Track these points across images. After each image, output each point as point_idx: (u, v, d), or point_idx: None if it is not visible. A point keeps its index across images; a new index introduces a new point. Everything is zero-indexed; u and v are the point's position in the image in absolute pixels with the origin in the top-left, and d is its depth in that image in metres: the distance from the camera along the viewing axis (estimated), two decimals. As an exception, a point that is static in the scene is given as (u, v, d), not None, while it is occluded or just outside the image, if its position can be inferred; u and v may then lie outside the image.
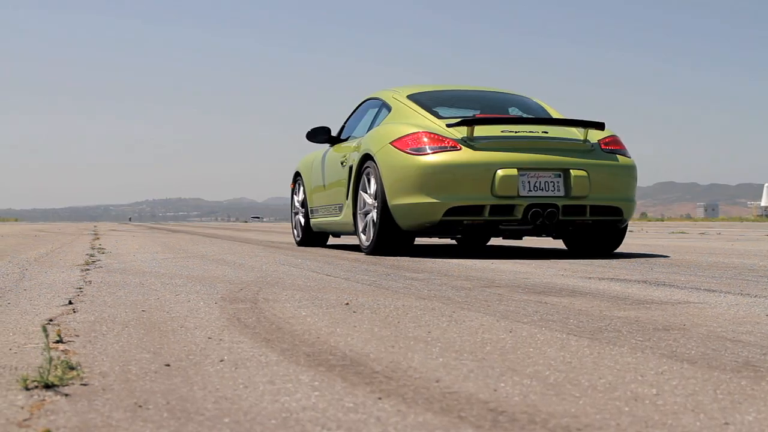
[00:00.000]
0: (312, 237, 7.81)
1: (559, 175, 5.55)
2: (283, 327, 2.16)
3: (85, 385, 1.43)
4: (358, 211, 6.19)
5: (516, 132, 5.68)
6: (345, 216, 6.49)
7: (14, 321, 2.29)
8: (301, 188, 7.95)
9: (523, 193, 5.46)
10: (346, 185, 6.47)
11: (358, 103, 7.35)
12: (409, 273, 4.15)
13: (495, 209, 5.45)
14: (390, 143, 5.72)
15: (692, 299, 2.88)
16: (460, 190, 5.43)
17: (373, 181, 5.91)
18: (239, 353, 1.76)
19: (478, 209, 5.45)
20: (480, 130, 5.61)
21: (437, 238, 7.00)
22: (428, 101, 6.36)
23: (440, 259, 5.33)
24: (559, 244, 8.30)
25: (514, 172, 5.43)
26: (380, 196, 5.73)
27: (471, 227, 5.57)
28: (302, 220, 7.91)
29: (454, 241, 8.79)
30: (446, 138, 5.58)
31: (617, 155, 5.86)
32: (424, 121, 5.94)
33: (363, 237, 6.13)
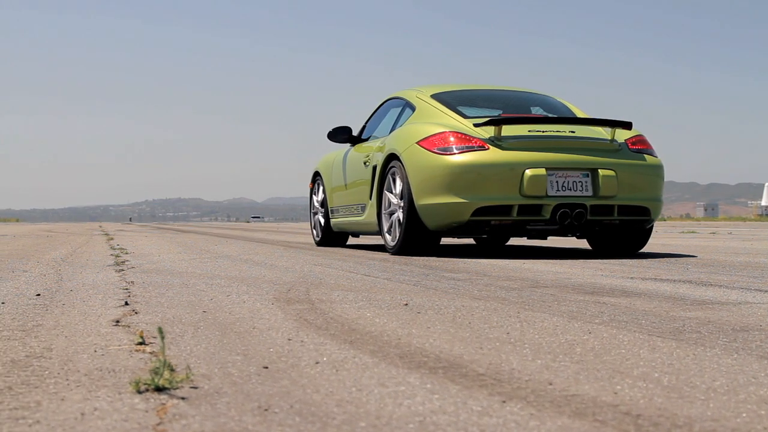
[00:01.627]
0: (332, 237, 7.76)
1: (587, 175, 5.53)
2: (356, 328, 2.14)
3: (195, 388, 1.40)
4: (383, 211, 6.18)
5: (543, 131, 5.65)
6: (368, 216, 6.47)
7: (80, 322, 2.27)
8: (321, 188, 7.88)
9: (551, 192, 5.44)
10: (370, 185, 6.44)
11: (380, 103, 7.30)
12: (448, 273, 4.13)
13: (523, 209, 5.42)
14: (416, 143, 5.69)
15: (750, 299, 2.85)
16: (488, 190, 5.40)
17: (398, 180, 5.89)
18: (330, 355, 1.73)
19: (506, 209, 5.43)
20: (507, 130, 5.59)
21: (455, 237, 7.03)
22: (452, 101, 6.32)
23: (469, 259, 5.31)
24: (579, 243, 8.28)
25: (542, 171, 5.41)
26: (406, 196, 5.71)
27: (499, 227, 5.54)
28: (321, 220, 7.86)
29: (472, 240, 8.77)
30: (473, 138, 5.55)
31: (645, 155, 5.83)
32: (450, 120, 5.91)
33: (388, 237, 6.11)
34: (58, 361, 1.66)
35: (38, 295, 3.03)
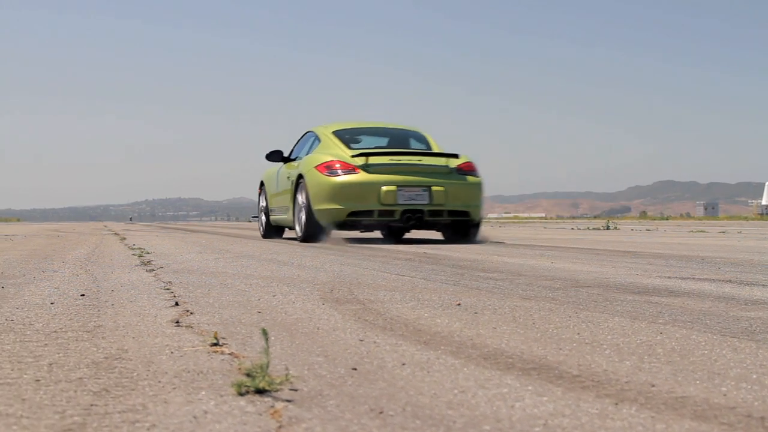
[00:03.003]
0: (271, 229, 10.51)
1: (426, 190, 8.14)
2: (421, 329, 2.12)
3: (294, 390, 1.38)
4: (295, 212, 8.82)
5: (398, 161, 8.19)
6: (289, 215, 9.16)
7: (139, 323, 2.25)
8: (264, 194, 10.66)
9: (400, 202, 8.06)
10: (290, 193, 9.05)
11: (302, 134, 10.07)
12: (482, 273, 4.11)
13: (381, 213, 8.09)
14: (314, 167, 8.36)
15: (801, 299, 2.84)
16: (358, 200, 8.05)
17: (303, 192, 8.49)
18: (411, 357, 1.71)
19: (369, 213, 8.11)
20: (373, 159, 8.16)
21: (359, 232, 10.06)
22: (347, 136, 9.01)
23: (495, 258, 5.29)
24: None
25: (394, 188, 8.04)
26: (307, 203, 8.36)
27: (368, 225, 8.38)
28: (264, 218, 10.65)
29: (381, 235, 10.53)
30: (350, 164, 8.16)
31: (468, 176, 8.39)
32: (339, 151, 8.52)
33: (298, 229, 8.71)
34: (140, 363, 1.64)
35: (82, 295, 3.01)
